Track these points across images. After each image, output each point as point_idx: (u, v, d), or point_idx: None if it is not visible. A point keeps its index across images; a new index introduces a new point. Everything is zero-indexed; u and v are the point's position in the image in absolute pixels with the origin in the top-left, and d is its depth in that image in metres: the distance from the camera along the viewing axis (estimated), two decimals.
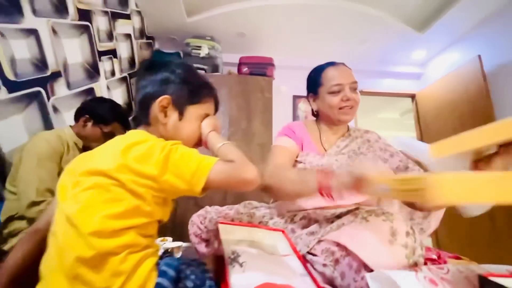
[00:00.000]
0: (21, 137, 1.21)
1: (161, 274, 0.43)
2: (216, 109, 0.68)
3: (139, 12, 2.40)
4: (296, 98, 3.06)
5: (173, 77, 0.59)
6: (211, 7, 2.48)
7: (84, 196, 0.43)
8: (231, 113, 2.41)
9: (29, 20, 1.28)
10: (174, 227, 1.66)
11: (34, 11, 1.31)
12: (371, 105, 4.33)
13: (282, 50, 2.99)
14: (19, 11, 1.23)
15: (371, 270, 0.53)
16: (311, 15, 2.46)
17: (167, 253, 0.52)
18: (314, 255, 0.66)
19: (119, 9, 2.08)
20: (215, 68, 2.58)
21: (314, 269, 0.65)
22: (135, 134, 0.53)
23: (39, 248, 0.45)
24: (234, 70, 2.67)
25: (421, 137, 3.06)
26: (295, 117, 3.03)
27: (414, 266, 0.53)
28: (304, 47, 2.96)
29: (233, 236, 0.69)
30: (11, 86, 1.20)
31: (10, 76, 1.19)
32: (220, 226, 0.69)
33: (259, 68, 2.56)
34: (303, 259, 0.65)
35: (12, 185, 1.01)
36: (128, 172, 0.44)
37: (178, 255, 1.02)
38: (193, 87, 0.60)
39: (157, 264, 0.45)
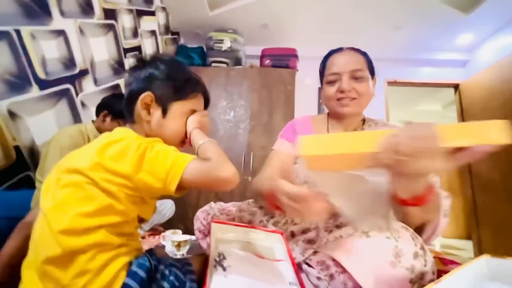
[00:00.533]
0: (52, 131, 1.32)
1: (131, 274, 0.42)
2: (206, 105, 0.66)
3: (163, 8, 2.46)
4: (321, 90, 2.92)
5: (157, 73, 0.57)
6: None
7: (60, 194, 0.44)
8: (252, 107, 2.38)
9: (57, 22, 1.37)
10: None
11: (62, 13, 1.40)
12: (408, 96, 3.98)
13: (307, 41, 2.86)
14: (48, 13, 1.33)
15: None
16: (335, 2, 2.30)
17: (150, 250, 0.51)
18: (310, 265, 0.61)
19: (144, 6, 2.15)
20: (237, 61, 2.56)
21: (309, 280, 0.60)
22: (118, 132, 0.53)
23: (27, 242, 0.47)
24: (257, 63, 2.63)
25: None
26: (320, 110, 2.90)
27: None
28: (330, 37, 2.80)
29: (226, 236, 0.67)
30: (43, 84, 1.30)
31: (42, 75, 1.30)
32: (214, 225, 0.67)
33: (281, 60, 2.48)
34: (297, 267, 0.60)
35: (40, 175, 1.11)
36: (102, 171, 0.43)
37: (185, 249, 1.04)
38: (178, 83, 0.58)
39: (130, 264, 0.45)
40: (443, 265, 0.87)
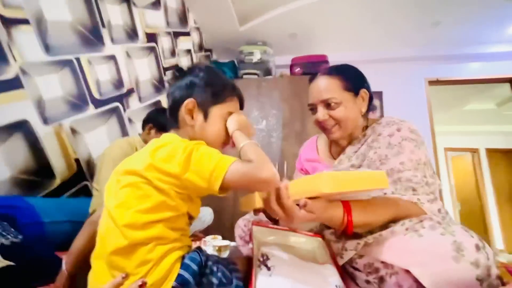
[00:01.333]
0: (105, 145, 1.46)
1: (184, 267, 0.46)
2: (241, 107, 0.69)
3: (197, 28, 2.64)
4: None
5: (196, 80, 0.61)
6: (261, 13, 2.53)
7: (121, 193, 0.49)
8: (284, 115, 2.39)
9: (108, 48, 1.55)
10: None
11: (112, 40, 1.58)
12: (454, 96, 3.67)
13: (338, 46, 2.82)
14: (101, 41, 1.51)
15: None
16: (366, 2, 2.25)
17: (199, 248, 0.54)
18: (356, 269, 0.58)
19: (180, 28, 2.32)
20: (267, 72, 2.61)
21: (356, 284, 0.57)
22: (165, 137, 0.58)
23: (94, 237, 0.53)
24: (287, 72, 2.65)
25: None
26: None
27: None
28: (362, 40, 2.73)
29: (267, 239, 0.67)
30: (97, 103, 1.47)
31: (96, 95, 1.47)
32: (254, 228, 0.68)
33: (312, 67, 2.47)
34: (342, 271, 0.58)
35: (97, 184, 1.23)
36: (154, 171, 0.48)
37: (225, 253, 1.06)
38: (216, 88, 0.62)
39: (183, 257, 0.48)
40: (511, 276, 0.76)
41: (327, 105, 0.76)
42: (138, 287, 0.41)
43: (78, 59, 1.35)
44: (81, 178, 1.37)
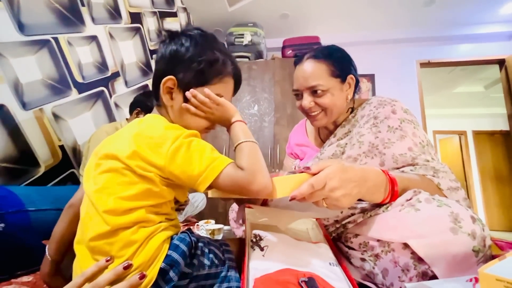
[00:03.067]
0: (91, 131, 1.41)
1: (173, 247, 0.44)
2: (236, 88, 0.60)
3: (184, 9, 2.52)
4: None
5: (181, 51, 0.51)
6: None
7: (101, 178, 0.45)
8: (276, 99, 2.36)
9: (89, 28, 1.46)
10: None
11: (93, 19, 1.48)
12: (444, 78, 3.69)
13: (330, 28, 2.76)
14: (81, 21, 1.41)
15: (425, 269, 0.44)
16: None
17: (189, 229, 0.52)
18: (351, 248, 0.58)
19: (166, 8, 2.21)
20: (258, 55, 2.54)
21: (350, 263, 0.57)
22: (149, 119, 0.51)
23: (75, 221, 0.50)
24: (279, 55, 2.59)
25: None
26: None
27: (484, 262, 0.42)
28: (355, 21, 2.67)
29: (260, 220, 0.66)
30: (80, 88, 1.40)
31: (79, 78, 1.39)
32: (247, 210, 0.67)
33: (303, 49, 2.40)
34: (336, 249, 0.58)
35: (83, 170, 1.19)
36: (138, 159, 0.44)
37: (219, 236, 1.06)
38: (203, 65, 0.51)
39: (172, 238, 0.46)
40: (500, 250, 0.78)
41: (313, 92, 0.73)
42: (123, 269, 0.40)
43: (56, 39, 1.27)
44: (68, 165, 1.32)
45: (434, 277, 0.44)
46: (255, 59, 2.52)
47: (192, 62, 0.51)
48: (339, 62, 0.74)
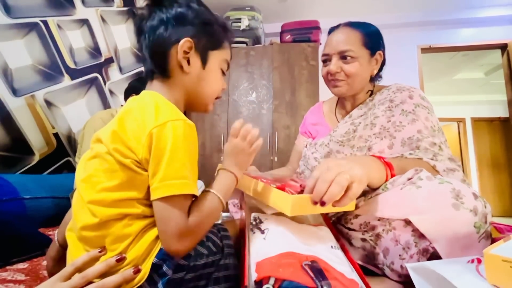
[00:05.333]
0: (86, 119, 1.38)
1: None
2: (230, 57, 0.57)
3: None
4: None
5: (190, 14, 0.47)
6: None
7: (89, 165, 0.42)
8: (274, 86, 2.31)
9: (80, 11, 1.40)
10: None
11: (83, 2, 1.42)
12: (445, 65, 3.64)
13: (330, 11, 2.68)
14: (71, 3, 1.35)
15: (425, 245, 0.43)
16: None
17: None
18: (351, 229, 0.57)
19: None
20: (256, 40, 2.48)
21: (351, 244, 0.57)
22: (146, 97, 0.46)
23: None
24: (277, 40, 2.52)
25: None
26: None
27: (485, 239, 0.42)
28: (354, 5, 2.59)
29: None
30: (73, 74, 1.35)
31: (71, 64, 1.35)
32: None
33: (302, 34, 2.35)
34: (336, 231, 0.57)
35: (79, 158, 1.17)
36: (117, 141, 0.40)
37: (218, 221, 1.05)
38: (214, 28, 0.49)
39: None
40: (499, 233, 0.78)
41: (343, 58, 0.74)
42: (116, 261, 0.38)
43: (45, 22, 1.22)
44: (63, 153, 1.30)
45: (434, 254, 0.44)
46: (253, 45, 2.46)
47: (205, 24, 0.48)
48: (373, 36, 0.77)
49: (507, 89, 2.55)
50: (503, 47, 2.55)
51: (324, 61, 0.79)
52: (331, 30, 0.81)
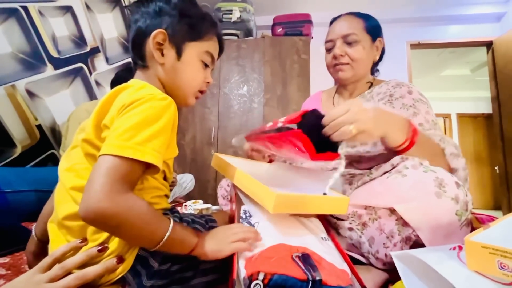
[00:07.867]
0: (70, 110, 1.33)
1: None
2: (221, 49, 0.57)
3: None
4: None
5: (168, 7, 0.49)
6: None
7: (72, 154, 0.43)
8: (265, 79, 2.30)
9: None
10: None
11: None
12: (432, 60, 3.71)
13: (322, 5, 2.67)
14: None
15: (408, 233, 0.44)
16: None
17: (172, 208, 0.50)
18: (339, 218, 0.58)
19: None
20: (248, 33, 2.45)
21: (338, 233, 0.58)
22: (126, 84, 0.46)
23: None
24: (269, 33, 2.50)
25: (498, 97, 2.51)
26: None
27: (466, 226, 0.44)
28: None
29: (249, 197, 0.65)
30: (56, 63, 1.30)
31: (54, 53, 1.29)
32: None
33: (294, 27, 2.34)
34: (326, 223, 0.57)
35: (63, 151, 1.14)
36: (93, 126, 0.40)
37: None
38: (192, 20, 0.50)
39: None
40: (480, 223, 0.82)
41: (346, 43, 0.77)
42: (97, 251, 0.37)
43: (25, 8, 1.16)
44: (47, 146, 1.25)
45: (417, 241, 0.46)
46: (244, 37, 2.43)
47: (182, 15, 0.49)
48: (373, 24, 0.80)
49: (491, 86, 2.62)
50: (488, 45, 2.62)
51: (328, 50, 0.80)
52: (333, 20, 0.83)
